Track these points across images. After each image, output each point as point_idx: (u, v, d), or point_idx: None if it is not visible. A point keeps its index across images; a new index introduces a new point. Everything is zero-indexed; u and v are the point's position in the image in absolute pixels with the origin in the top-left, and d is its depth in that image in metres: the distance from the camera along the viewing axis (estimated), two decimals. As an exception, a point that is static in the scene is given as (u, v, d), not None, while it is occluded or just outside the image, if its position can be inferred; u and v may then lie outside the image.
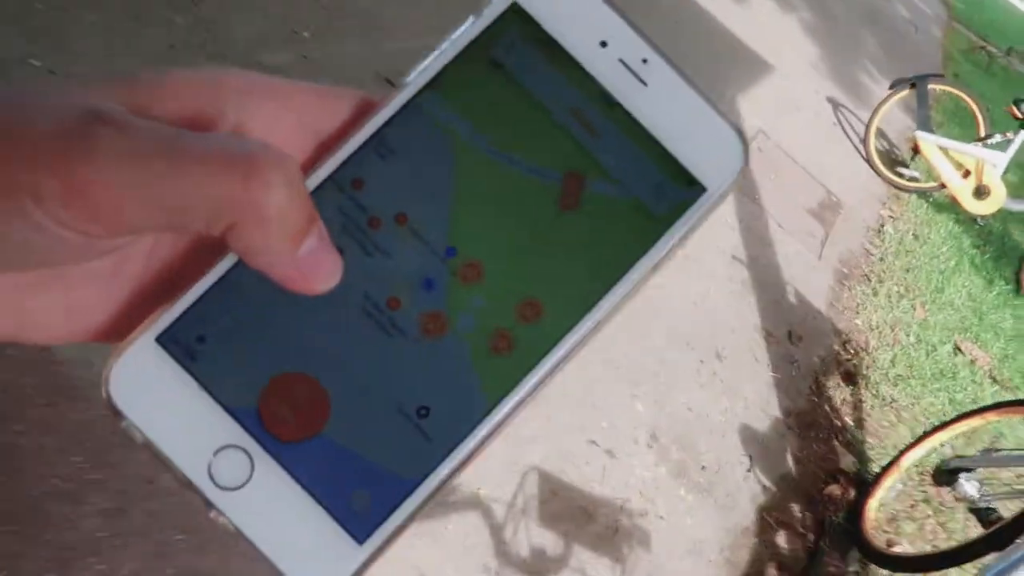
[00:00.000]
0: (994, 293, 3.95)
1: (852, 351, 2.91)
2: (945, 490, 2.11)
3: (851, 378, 2.78)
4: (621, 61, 0.24)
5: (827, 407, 2.59)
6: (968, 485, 2.01)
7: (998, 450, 2.24)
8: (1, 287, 0.21)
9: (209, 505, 0.22)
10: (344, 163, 0.23)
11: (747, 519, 2.06)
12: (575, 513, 1.76)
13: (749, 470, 2.18)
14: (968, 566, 1.82)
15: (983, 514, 1.97)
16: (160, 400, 0.22)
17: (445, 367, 0.23)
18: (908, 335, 3.18)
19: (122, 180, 0.18)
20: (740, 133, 0.24)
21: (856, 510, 2.21)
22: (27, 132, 0.18)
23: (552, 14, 0.24)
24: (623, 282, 0.23)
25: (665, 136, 0.23)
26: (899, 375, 2.93)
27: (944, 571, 1.88)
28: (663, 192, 0.23)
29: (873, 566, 2.10)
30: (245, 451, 0.22)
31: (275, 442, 0.22)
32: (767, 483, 2.19)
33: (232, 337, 0.22)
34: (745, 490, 2.13)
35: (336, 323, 0.23)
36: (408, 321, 0.23)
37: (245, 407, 0.22)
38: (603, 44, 0.24)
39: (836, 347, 2.89)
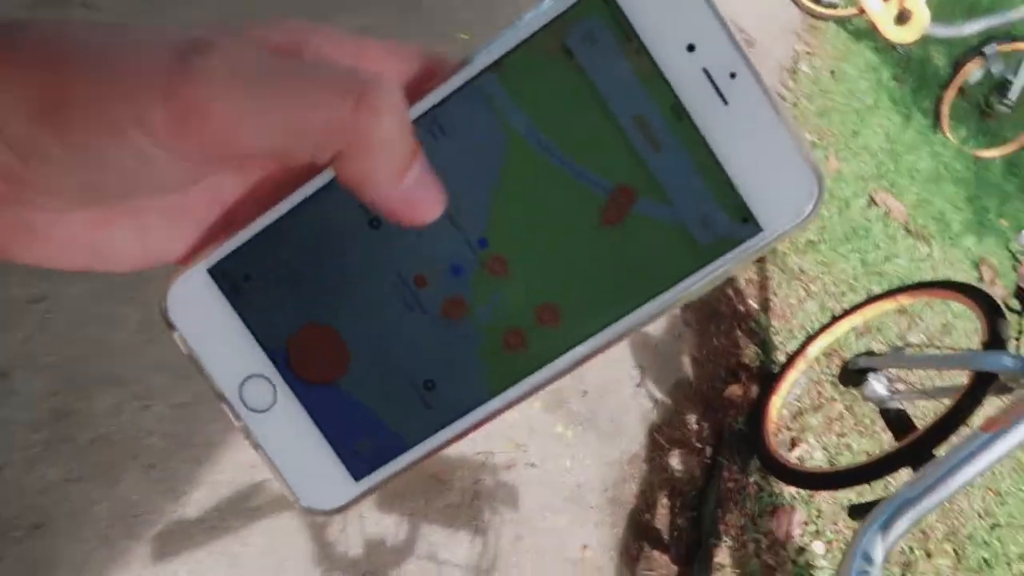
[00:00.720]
0: (912, 131, 3.68)
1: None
2: (853, 391, 1.90)
3: (757, 253, 2.51)
4: (705, 71, 0.22)
5: (729, 291, 2.33)
6: (877, 385, 1.80)
7: (908, 346, 2.03)
8: (75, 223, 0.21)
9: (237, 418, 0.25)
10: None
11: (636, 444, 1.83)
12: (425, 485, 1.48)
13: (639, 385, 1.93)
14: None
15: (893, 418, 1.78)
16: (206, 323, 0.24)
17: (457, 350, 0.24)
18: (820, 192, 2.90)
19: (230, 103, 0.18)
20: (819, 178, 0.22)
21: (758, 411, 2.00)
22: (129, 63, 0.18)
23: (641, 4, 0.21)
24: (649, 305, 0.23)
25: (733, 164, 0.22)
26: (809, 241, 2.67)
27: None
28: (714, 223, 0.22)
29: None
30: (271, 382, 0.25)
31: (297, 381, 0.25)
32: (660, 396, 1.95)
33: (274, 282, 0.24)
34: (634, 410, 1.88)
35: (367, 290, 0.24)
36: (431, 301, 0.24)
37: (275, 345, 0.25)
38: (690, 48, 0.22)
39: (742, 217, 2.59)
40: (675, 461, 1.85)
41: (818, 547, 1.88)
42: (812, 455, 2.03)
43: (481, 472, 1.56)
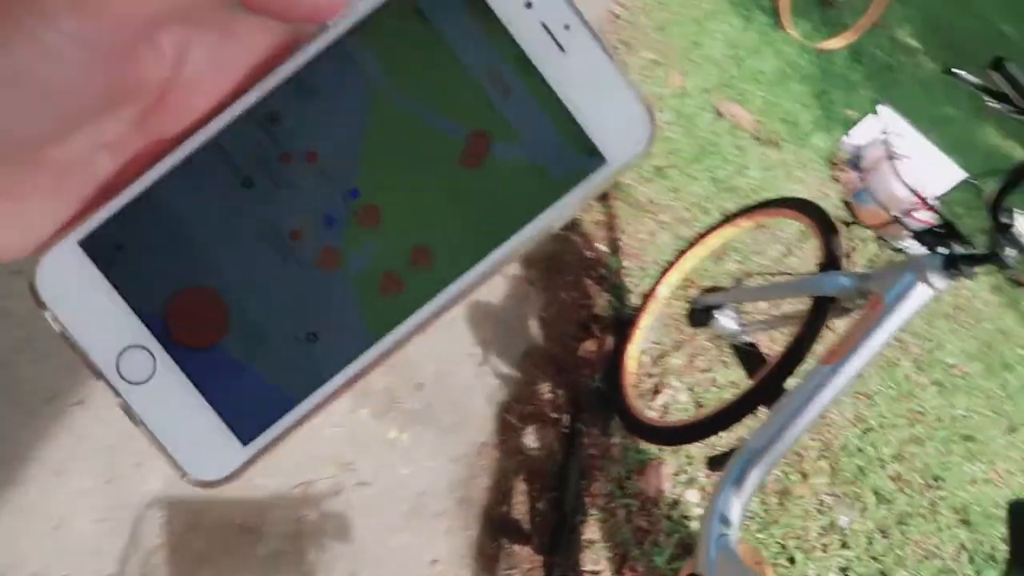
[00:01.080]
0: (753, 32, 3.59)
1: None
2: (705, 331, 1.80)
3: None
4: (543, 24, 0.24)
5: (575, 237, 2.18)
6: (725, 321, 1.70)
7: (748, 276, 1.94)
8: None
9: (116, 394, 0.24)
10: (264, 97, 0.24)
11: (484, 432, 1.68)
12: (231, 539, 1.28)
13: (482, 363, 1.77)
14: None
15: (744, 353, 1.68)
16: (79, 297, 0.24)
17: (336, 300, 0.25)
18: (663, 112, 2.77)
19: None
20: (650, 112, 0.25)
21: (614, 364, 1.89)
22: None
23: None
24: (513, 240, 0.25)
25: (575, 105, 0.24)
26: (656, 167, 2.54)
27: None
28: (564, 159, 0.24)
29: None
30: (149, 351, 0.24)
31: (176, 347, 0.24)
32: (507, 370, 1.80)
33: (147, 249, 0.24)
34: (478, 392, 1.72)
35: (242, 247, 0.24)
36: (307, 253, 0.24)
37: (152, 312, 0.24)
38: (528, 5, 0.24)
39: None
40: (530, 439, 1.72)
41: (692, 496, 1.80)
42: (677, 398, 1.94)
43: (302, 507, 1.37)
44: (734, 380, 2.03)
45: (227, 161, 0.24)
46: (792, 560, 1.77)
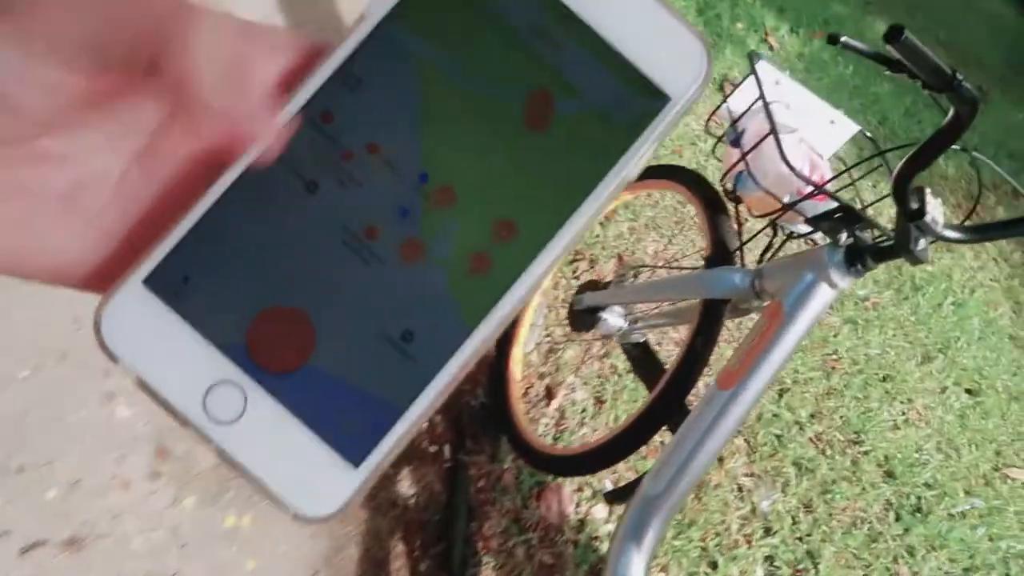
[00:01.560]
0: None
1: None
2: (590, 334, 1.56)
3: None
4: None
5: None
6: (613, 320, 1.46)
7: (632, 268, 1.70)
8: None
9: (207, 440, 0.22)
10: (312, 98, 0.23)
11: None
12: None
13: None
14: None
15: (639, 359, 1.47)
16: (151, 341, 0.23)
17: (426, 291, 0.24)
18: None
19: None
20: (704, 44, 0.24)
21: (499, 372, 1.65)
22: None
23: None
24: (594, 196, 0.24)
25: (628, 48, 0.24)
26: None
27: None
28: (628, 104, 0.24)
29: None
30: (237, 385, 0.23)
31: (265, 375, 0.23)
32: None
33: (216, 276, 0.23)
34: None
35: (316, 255, 0.23)
36: (386, 249, 0.24)
37: (234, 343, 0.23)
38: None
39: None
40: (405, 486, 1.48)
41: (600, 512, 1.61)
42: (574, 399, 1.73)
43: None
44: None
45: (286, 168, 0.23)
46: (715, 565, 1.62)
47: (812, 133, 1.23)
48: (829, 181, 1.21)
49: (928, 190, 1.00)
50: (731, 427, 1.11)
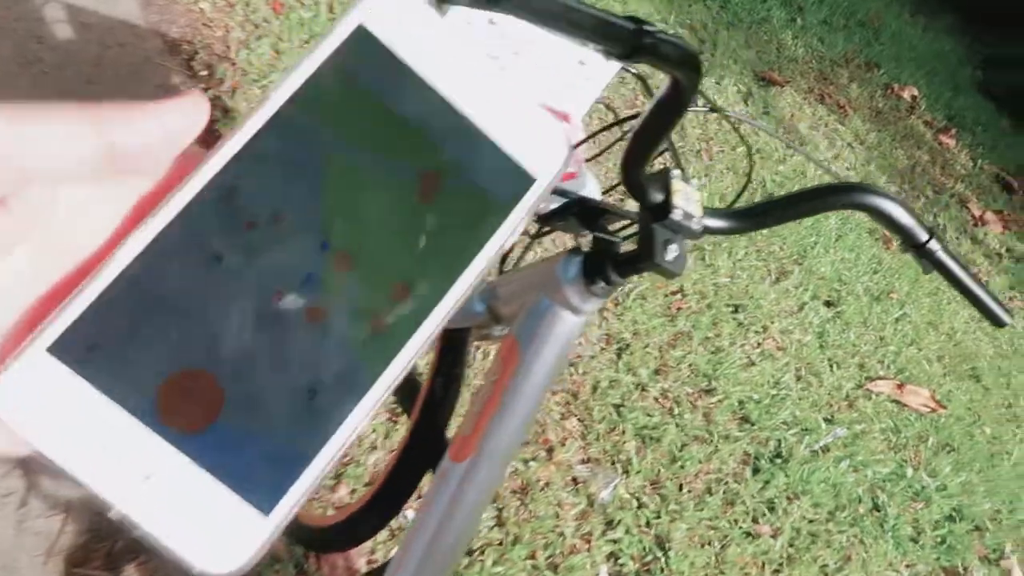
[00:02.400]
0: None
1: (204, 69, 1.73)
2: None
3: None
4: (458, 72, 0.27)
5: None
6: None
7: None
8: None
9: (110, 507, 0.22)
10: (218, 173, 0.24)
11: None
12: None
13: (21, 507, 1.14)
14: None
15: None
16: (54, 409, 0.22)
17: (329, 350, 0.25)
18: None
19: None
20: (563, 130, 0.28)
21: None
22: None
23: (395, 34, 0.26)
24: (477, 260, 0.27)
25: (500, 137, 0.27)
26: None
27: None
28: (502, 184, 0.27)
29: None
30: (145, 448, 0.22)
31: (174, 435, 0.23)
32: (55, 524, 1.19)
33: (126, 342, 0.23)
34: (23, 552, 1.12)
35: (224, 320, 0.24)
36: (291, 312, 0.24)
37: (143, 406, 0.23)
38: (441, 59, 0.26)
39: (180, 82, 1.69)
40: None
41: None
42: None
43: None
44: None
45: (192, 238, 0.23)
46: (545, 587, 1.38)
47: (552, 85, 0.90)
48: (578, 145, 0.90)
49: (677, 172, 0.70)
50: (475, 503, 0.84)
